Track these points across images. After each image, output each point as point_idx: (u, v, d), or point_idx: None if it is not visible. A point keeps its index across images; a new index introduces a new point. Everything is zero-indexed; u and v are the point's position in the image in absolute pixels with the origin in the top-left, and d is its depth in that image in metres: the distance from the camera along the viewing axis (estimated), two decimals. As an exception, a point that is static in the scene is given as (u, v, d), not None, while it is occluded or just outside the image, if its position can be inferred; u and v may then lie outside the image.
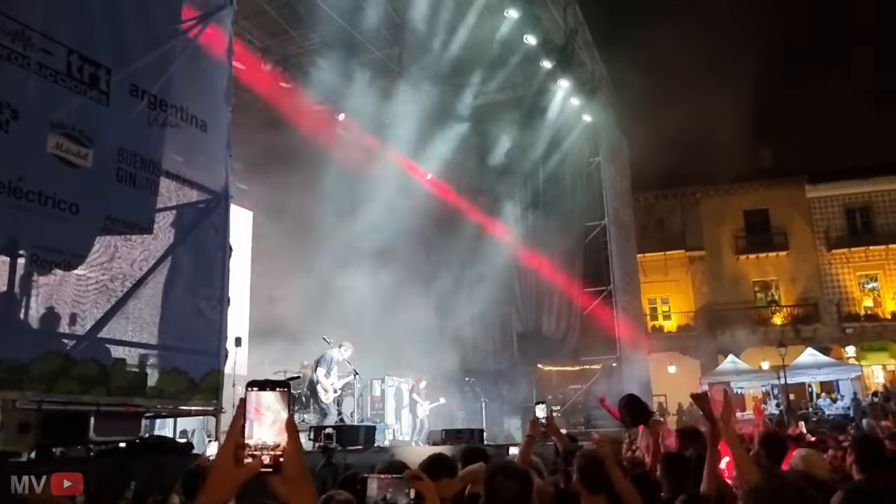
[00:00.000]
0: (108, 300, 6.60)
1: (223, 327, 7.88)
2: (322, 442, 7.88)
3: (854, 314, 29.45)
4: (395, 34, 15.72)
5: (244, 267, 16.02)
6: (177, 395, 7.34)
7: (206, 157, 7.91)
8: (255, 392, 1.39)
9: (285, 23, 15.83)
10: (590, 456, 3.23)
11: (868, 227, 29.95)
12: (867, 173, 29.72)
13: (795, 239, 30.42)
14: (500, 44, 16.80)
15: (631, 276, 23.04)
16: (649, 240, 30.12)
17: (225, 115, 8.19)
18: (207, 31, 7.94)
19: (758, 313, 30.58)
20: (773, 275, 30.91)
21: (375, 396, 14.93)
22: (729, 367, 26.88)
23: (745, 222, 31.29)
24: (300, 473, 1.39)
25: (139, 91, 6.92)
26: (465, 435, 11.87)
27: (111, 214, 6.53)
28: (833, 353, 28.05)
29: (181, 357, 7.33)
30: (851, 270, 29.89)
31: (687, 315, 31.35)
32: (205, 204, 7.92)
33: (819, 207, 30.52)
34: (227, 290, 8.10)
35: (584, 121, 19.69)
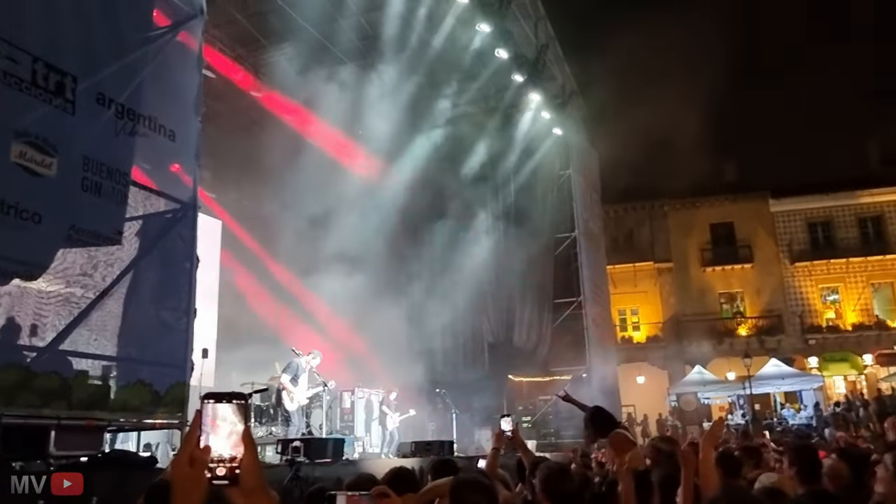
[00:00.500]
0: (71, 311, 6.48)
1: (189, 339, 7.78)
2: (289, 455, 7.80)
3: (816, 326, 30.09)
4: (368, 45, 15.74)
5: (212, 277, 15.85)
6: (140, 407, 7.21)
7: (173, 166, 7.83)
8: (212, 404, 1.38)
9: (257, 32, 15.77)
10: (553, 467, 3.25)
11: (829, 241, 30.67)
12: (828, 189, 30.48)
13: (760, 252, 31.03)
14: (473, 56, 16.93)
15: (601, 288, 23.28)
16: (619, 251, 30.47)
17: (194, 125, 8.11)
18: (177, 40, 7.87)
19: (724, 324, 31.07)
20: (738, 287, 31.45)
21: (345, 408, 14.83)
22: (696, 377, 27.26)
23: (712, 235, 31.84)
24: (258, 486, 1.38)
25: (106, 100, 6.83)
26: (435, 447, 11.84)
27: (76, 224, 6.42)
28: (796, 363, 28.61)
29: (145, 369, 7.21)
30: (814, 283, 30.55)
31: (655, 326, 31.74)
32: (172, 214, 7.83)
33: (782, 221, 31.18)
34: (193, 300, 8.00)
35: (555, 134, 19.91)
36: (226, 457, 1.37)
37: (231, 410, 1.40)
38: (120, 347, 7.04)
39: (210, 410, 1.38)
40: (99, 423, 6.71)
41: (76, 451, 6.55)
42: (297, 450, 7.82)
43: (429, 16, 15.22)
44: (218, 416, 1.38)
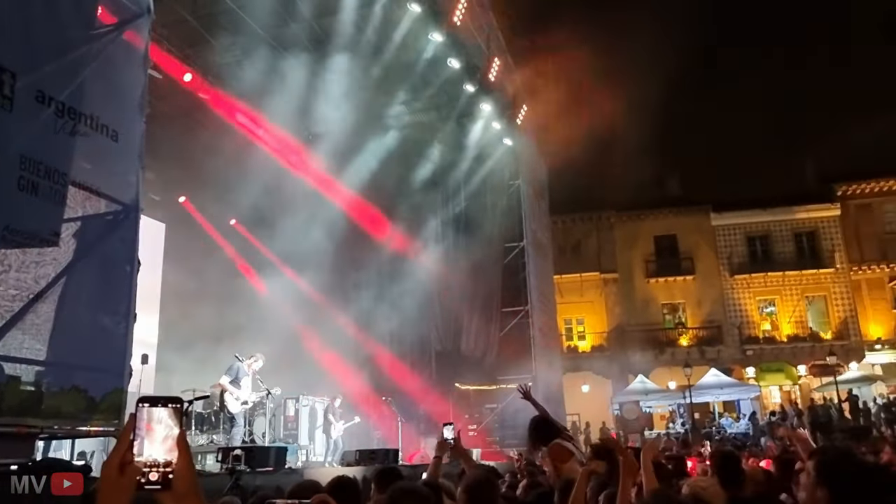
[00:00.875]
0: (2, 315, 6.25)
1: (128, 344, 7.57)
2: (230, 464, 7.66)
3: (754, 337, 31.11)
4: (319, 49, 15.64)
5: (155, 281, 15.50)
6: (75, 414, 6.99)
7: (116, 167, 7.63)
8: (147, 408, 1.39)
9: (206, 32, 15.51)
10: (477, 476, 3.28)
11: (767, 255, 31.79)
12: (766, 204, 31.62)
13: (701, 264, 31.94)
14: (425, 65, 16.99)
15: (547, 297, 23.57)
16: (566, 262, 30.95)
17: (138, 125, 7.93)
18: (122, 38, 7.70)
19: (666, 335, 31.84)
20: (680, 298, 32.29)
21: (289, 416, 14.66)
22: (638, 386, 27.84)
23: (656, 247, 32.64)
24: (190, 491, 1.39)
25: (46, 97, 6.63)
26: (380, 455, 11.79)
27: (9, 225, 6.20)
28: (735, 373, 29.50)
29: (81, 375, 6.99)
30: (752, 295, 31.58)
31: (600, 335, 32.30)
32: (113, 216, 7.63)
33: (723, 235, 32.18)
34: (133, 305, 7.80)
35: (505, 144, 20.12)
36: (159, 461, 1.37)
37: (166, 415, 1.40)
38: (54, 352, 6.81)
39: (145, 414, 1.39)
40: (30, 430, 6.47)
41: (5, 459, 6.31)
42: (238, 458, 7.69)
43: (382, 22, 15.23)
44: (153, 421, 1.39)
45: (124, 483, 1.35)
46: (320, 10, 14.96)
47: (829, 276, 30.91)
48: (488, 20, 17.56)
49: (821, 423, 22.99)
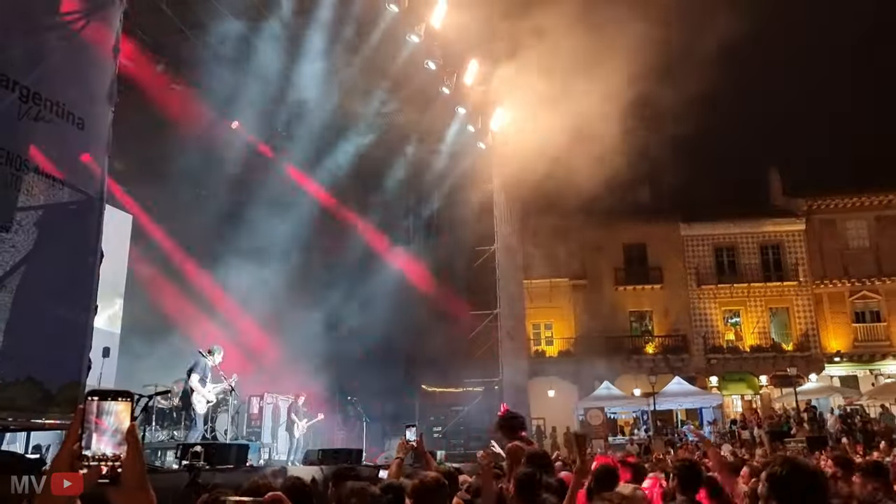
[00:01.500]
0: (-43, 302, 6.10)
1: (87, 336, 7.44)
2: (189, 460, 7.56)
3: (718, 346, 31.58)
4: (295, 45, 15.52)
5: (119, 273, 15.23)
6: (30, 406, 6.84)
7: (81, 156, 7.49)
8: (97, 401, 1.39)
9: (181, 22, 15.31)
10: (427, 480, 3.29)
11: (733, 266, 32.31)
12: (734, 216, 32.15)
13: (669, 274, 32.34)
14: (402, 66, 16.99)
15: (516, 301, 23.69)
16: (536, 266, 31.08)
17: (105, 115, 7.80)
18: (92, 25, 7.56)
19: (633, 342, 32.17)
20: (647, 306, 32.66)
21: (253, 414, 14.52)
22: (604, 392, 28.08)
23: (625, 255, 32.97)
24: (139, 486, 1.38)
25: (10, 81, 6.48)
26: (343, 455, 11.72)
27: (-34, 210, 6.06)
28: (698, 382, 29.92)
29: (37, 366, 6.84)
30: (717, 306, 32.07)
31: (568, 341, 32.51)
32: (76, 206, 7.48)
33: (691, 245, 32.63)
34: (94, 297, 7.66)
35: (480, 147, 20.19)
36: (108, 455, 1.36)
37: (116, 408, 1.39)
38: (9, 342, 6.65)
39: (94, 408, 1.39)
40: (-19, 421, 6.33)
41: (-46, 452, 6.17)
42: (198, 455, 7.59)
43: (359, 22, 15.18)
44: (102, 414, 1.38)
45: None
46: (298, 6, 14.86)
47: (792, 289, 31.52)
48: (466, 23, 17.58)
49: (780, 433, 23.44)
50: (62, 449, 1.38)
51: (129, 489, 1.36)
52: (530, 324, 29.78)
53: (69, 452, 1.36)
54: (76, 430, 1.36)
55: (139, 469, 1.39)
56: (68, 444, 1.36)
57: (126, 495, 1.37)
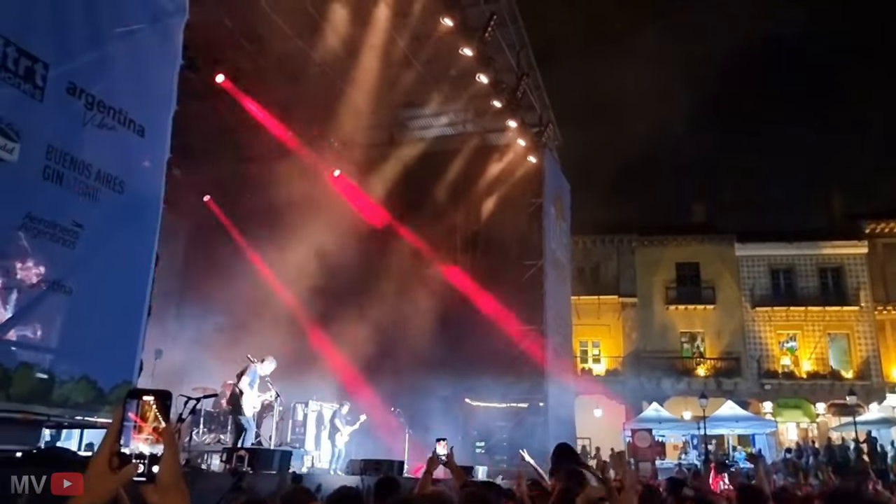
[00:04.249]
0: (19, 301, 6.32)
1: (141, 337, 7.64)
2: (233, 464, 7.65)
3: (773, 371, 30.56)
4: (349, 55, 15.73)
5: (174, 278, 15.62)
6: (84, 405, 7.04)
7: (141, 162, 7.73)
8: (135, 401, 1.41)
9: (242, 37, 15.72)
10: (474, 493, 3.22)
11: (790, 289, 31.28)
12: (792, 237, 31.19)
13: (723, 294, 31.51)
14: (454, 80, 17.08)
15: (563, 318, 23.37)
16: (585, 283, 30.70)
17: (166, 122, 8.05)
18: (156, 36, 7.82)
19: (683, 363, 31.39)
20: (699, 327, 31.86)
21: (297, 420, 14.62)
22: (652, 414, 27.43)
23: (677, 274, 32.27)
24: (174, 484, 1.40)
25: (77, 89, 6.74)
26: (385, 466, 11.71)
27: (32, 213, 6.29)
28: (751, 407, 28.97)
29: (92, 365, 7.05)
30: (773, 329, 31.08)
31: (616, 360, 31.94)
32: (135, 210, 7.71)
33: (746, 266, 31.75)
34: (149, 299, 7.87)
35: (530, 162, 20.08)
36: (145, 454, 1.39)
37: (154, 408, 1.40)
38: (67, 342, 6.87)
39: (133, 407, 1.40)
40: (37, 417, 6.53)
41: (10, 446, 6.36)
42: (242, 459, 7.68)
43: (413, 35, 15.33)
44: (141, 413, 1.40)
45: (112, 475, 1.36)
46: (354, 19, 15.08)
47: (853, 314, 30.34)
48: (519, 37, 17.58)
49: (837, 464, 22.49)
50: (102, 446, 1.39)
51: (164, 487, 1.38)
52: (577, 341, 29.36)
53: (108, 450, 1.37)
54: (116, 429, 1.39)
55: (175, 468, 1.40)
56: (108, 441, 1.38)
57: (161, 493, 1.38)
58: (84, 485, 1.39)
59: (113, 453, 1.37)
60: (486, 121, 19.31)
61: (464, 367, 19.01)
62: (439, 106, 18.55)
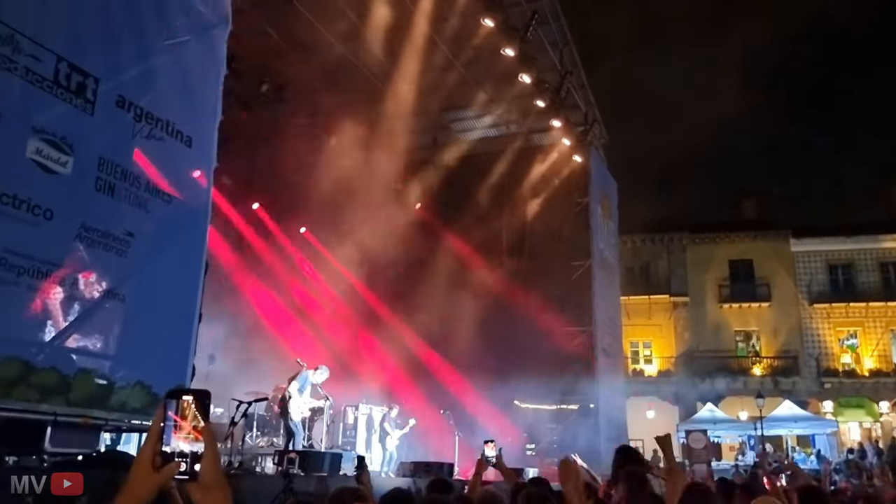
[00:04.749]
0: (76, 309, 6.52)
1: (193, 343, 7.80)
2: (284, 466, 7.75)
3: (833, 370, 29.53)
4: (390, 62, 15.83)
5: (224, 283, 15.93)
6: (140, 409, 7.22)
7: (189, 172, 7.90)
8: (175, 400, 1.43)
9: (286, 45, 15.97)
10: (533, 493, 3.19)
11: (849, 284, 30.21)
12: (850, 231, 30.10)
13: (778, 291, 30.61)
14: (496, 80, 17.03)
15: (613, 319, 23.05)
16: (634, 283, 30.21)
17: (212, 132, 8.21)
18: (200, 47, 7.99)
19: (738, 363, 30.60)
20: (754, 325, 31.01)
21: (348, 424, 14.76)
22: (707, 415, 26.82)
23: (730, 271, 31.47)
24: (216, 482, 1.41)
25: (126, 102, 6.93)
26: (435, 468, 11.73)
27: (86, 223, 6.49)
28: (810, 407, 28.07)
29: (147, 371, 7.23)
30: (832, 326, 30.05)
31: (668, 360, 31.33)
32: (185, 219, 7.88)
33: (803, 261, 30.78)
34: (200, 305, 8.03)
35: (575, 161, 19.88)
36: (186, 451, 1.40)
37: (193, 407, 1.42)
38: (123, 348, 7.06)
39: (173, 407, 1.42)
40: (96, 421, 6.72)
41: (72, 449, 6.57)
42: (293, 461, 7.77)
43: (454, 37, 15.33)
44: (181, 413, 1.42)
45: (154, 474, 1.39)
46: (395, 23, 15.16)
47: (917, 310, 29.14)
48: (562, 35, 17.42)
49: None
50: (144, 446, 1.42)
51: (206, 485, 1.40)
52: (627, 342, 28.89)
53: (151, 449, 1.40)
54: (157, 428, 1.41)
55: (215, 466, 1.42)
56: (150, 441, 1.41)
57: (204, 491, 1.40)
58: (127, 485, 1.40)
59: (155, 452, 1.39)
60: (529, 121, 19.21)
61: (512, 369, 18.91)
62: (482, 108, 18.52)
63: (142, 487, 1.39)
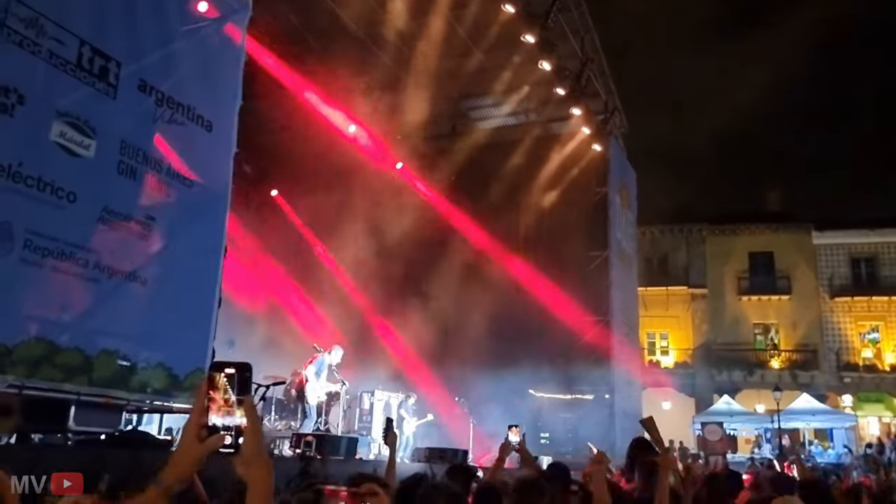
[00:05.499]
0: (99, 291, 6.62)
1: (212, 326, 7.89)
2: (301, 449, 7.82)
3: (853, 364, 29.21)
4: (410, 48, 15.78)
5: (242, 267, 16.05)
6: (160, 390, 7.34)
7: (209, 156, 7.96)
8: (217, 374, 1.44)
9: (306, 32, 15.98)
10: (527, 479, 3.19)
11: (872, 278, 29.80)
12: (874, 224, 29.66)
13: (799, 284, 30.27)
14: (516, 68, 16.91)
15: (630, 309, 22.93)
16: (652, 274, 30.03)
17: (232, 118, 8.26)
18: (221, 32, 8.03)
19: (756, 356, 30.36)
20: (773, 318, 30.73)
21: (364, 409, 14.86)
22: (723, 407, 26.67)
23: (750, 264, 31.15)
24: (257, 456, 1.42)
25: (147, 87, 7.00)
26: (450, 455, 11.79)
27: (108, 206, 6.57)
28: (829, 401, 27.81)
29: (167, 353, 7.33)
30: (853, 320, 29.69)
31: (685, 352, 31.15)
32: (205, 203, 7.96)
33: (825, 254, 30.39)
34: (219, 290, 8.12)
35: (594, 150, 19.73)
36: (229, 425, 1.41)
37: (235, 381, 1.43)
38: (144, 330, 7.17)
39: (215, 381, 1.43)
40: (117, 401, 6.84)
41: (94, 428, 6.69)
42: (310, 445, 7.84)
43: (474, 24, 15.25)
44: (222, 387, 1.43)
45: (201, 447, 1.40)
46: (415, 10, 15.11)
47: (941, 304, 28.70)
48: (583, 21, 17.25)
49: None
50: (190, 420, 1.43)
51: (247, 459, 1.41)
52: (644, 333, 28.74)
53: (196, 423, 1.41)
54: (202, 402, 1.42)
55: (256, 441, 1.42)
56: (195, 415, 1.42)
57: (245, 465, 1.41)
58: (173, 457, 1.43)
59: (201, 425, 1.40)
60: (548, 109, 19.08)
61: (528, 358, 18.91)
62: (501, 95, 18.41)
63: (187, 459, 1.41)
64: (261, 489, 1.43)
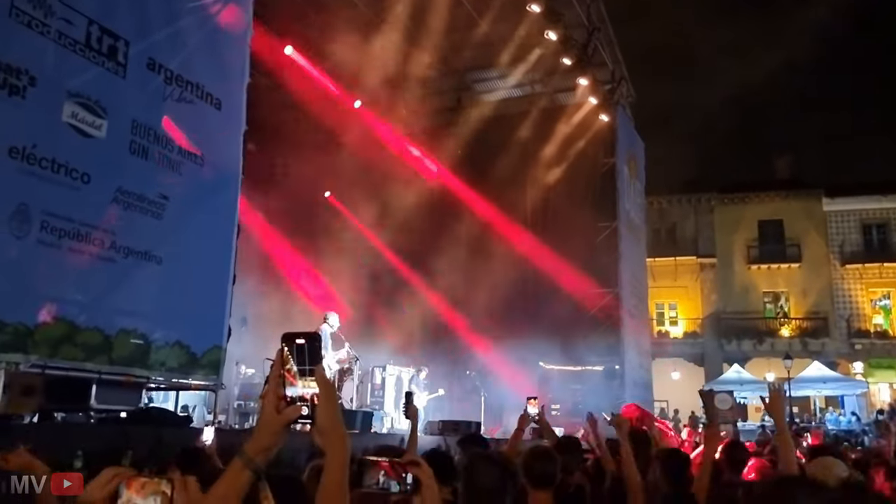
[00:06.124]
0: (115, 270, 6.67)
1: (227, 304, 7.95)
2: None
3: (864, 331, 29.20)
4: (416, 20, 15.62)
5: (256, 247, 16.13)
6: (178, 368, 7.43)
7: (219, 135, 7.96)
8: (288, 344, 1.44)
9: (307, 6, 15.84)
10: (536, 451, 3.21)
11: (884, 244, 29.64)
12: (886, 189, 29.41)
13: (809, 251, 30.16)
14: (521, 38, 16.73)
15: (639, 280, 22.92)
16: (661, 244, 29.96)
17: (240, 95, 8.24)
18: (227, 10, 7.98)
19: (766, 324, 30.37)
20: (783, 286, 30.67)
21: (376, 384, 14.98)
22: (733, 376, 26.76)
23: (759, 232, 31.01)
24: (331, 426, 1.41)
25: (156, 65, 6.98)
26: (462, 427, 11.90)
27: (122, 186, 6.60)
28: (840, 368, 27.85)
29: (184, 331, 7.40)
30: (864, 286, 29.61)
31: (694, 322, 31.19)
32: (217, 182, 7.98)
33: (835, 221, 30.22)
34: (233, 268, 8.17)
35: (602, 120, 19.59)
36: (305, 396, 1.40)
37: (306, 350, 1.44)
38: (160, 309, 7.23)
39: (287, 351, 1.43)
40: (137, 379, 6.93)
41: (115, 406, 6.79)
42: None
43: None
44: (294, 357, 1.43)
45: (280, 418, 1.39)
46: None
47: (953, 270, 28.57)
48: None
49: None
50: (268, 394, 1.41)
51: (322, 429, 1.40)
52: (653, 303, 28.75)
53: (273, 393, 1.39)
54: (277, 374, 1.40)
55: (329, 410, 1.41)
56: (272, 387, 1.40)
57: (319, 435, 1.41)
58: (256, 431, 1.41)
59: (279, 397, 1.38)
60: (555, 80, 18.90)
61: (537, 330, 18.97)
62: (507, 67, 18.23)
63: (268, 430, 1.40)
64: (339, 458, 1.42)
